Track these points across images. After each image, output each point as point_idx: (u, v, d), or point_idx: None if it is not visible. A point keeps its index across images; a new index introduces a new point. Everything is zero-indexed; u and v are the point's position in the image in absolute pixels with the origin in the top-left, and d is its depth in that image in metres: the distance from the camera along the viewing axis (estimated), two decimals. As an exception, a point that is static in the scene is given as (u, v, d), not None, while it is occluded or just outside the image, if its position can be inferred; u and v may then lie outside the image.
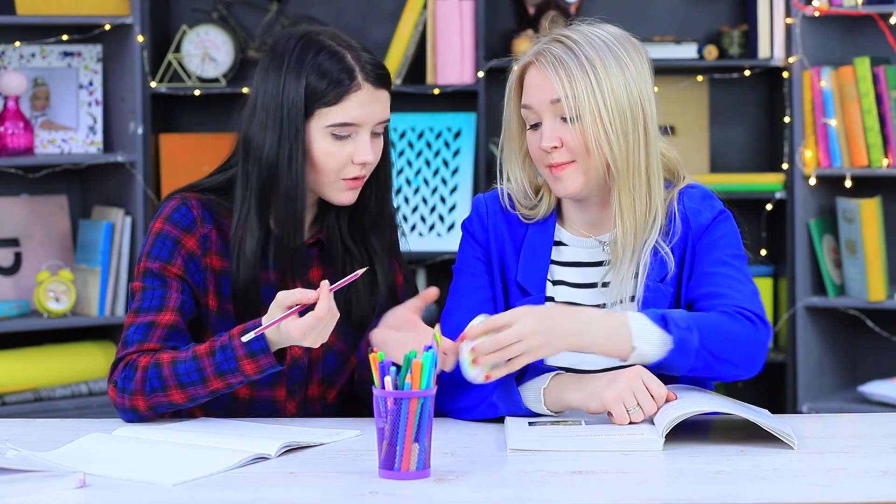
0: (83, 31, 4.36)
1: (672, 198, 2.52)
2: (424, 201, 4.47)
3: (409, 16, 4.41)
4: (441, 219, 4.45)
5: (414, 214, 4.45)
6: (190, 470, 2.11)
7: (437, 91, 4.35)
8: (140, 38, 4.26)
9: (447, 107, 4.49)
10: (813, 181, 4.23)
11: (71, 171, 4.44)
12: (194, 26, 4.44)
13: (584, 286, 2.54)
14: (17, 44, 4.33)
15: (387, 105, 2.56)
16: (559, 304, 2.53)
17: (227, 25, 4.49)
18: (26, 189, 4.42)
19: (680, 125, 4.47)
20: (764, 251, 4.41)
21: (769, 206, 4.37)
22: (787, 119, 4.24)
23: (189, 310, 2.54)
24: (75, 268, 4.37)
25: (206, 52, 4.43)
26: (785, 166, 4.27)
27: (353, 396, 2.70)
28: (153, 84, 4.34)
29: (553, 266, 2.56)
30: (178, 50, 4.42)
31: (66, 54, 4.36)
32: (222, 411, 2.58)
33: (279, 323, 2.33)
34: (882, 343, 4.41)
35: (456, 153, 4.46)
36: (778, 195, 4.30)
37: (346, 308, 2.61)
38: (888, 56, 4.25)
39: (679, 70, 4.45)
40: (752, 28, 4.33)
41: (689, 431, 2.32)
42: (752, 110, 4.54)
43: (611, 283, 2.50)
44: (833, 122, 4.18)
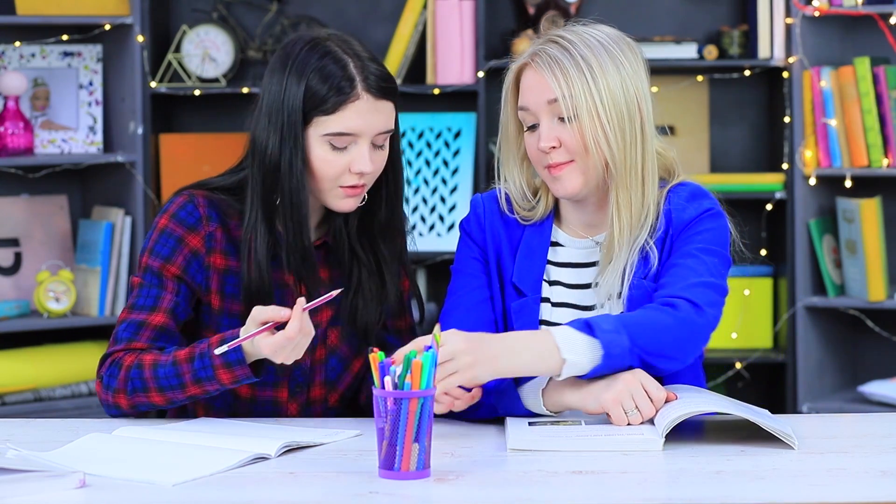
0: (83, 31, 4.36)
1: (662, 196, 2.51)
2: (424, 201, 4.47)
3: (409, 16, 4.41)
4: (441, 219, 4.45)
5: (414, 214, 4.45)
6: (190, 470, 2.12)
7: (437, 91, 4.35)
8: (140, 38, 4.26)
9: (447, 107, 4.49)
10: (813, 181, 4.23)
11: (71, 171, 4.44)
12: (194, 26, 4.44)
13: (580, 287, 2.54)
14: (17, 44, 4.33)
15: (389, 116, 2.53)
16: (556, 303, 2.54)
17: (227, 25, 4.49)
18: (26, 189, 4.42)
19: (680, 125, 4.47)
20: (764, 251, 4.41)
21: (769, 206, 4.37)
22: (787, 119, 4.24)
23: (182, 312, 2.55)
24: (75, 268, 4.37)
25: (206, 52, 4.43)
26: (785, 166, 4.27)
27: (355, 401, 2.70)
28: (153, 84, 4.34)
29: (550, 266, 2.56)
30: (178, 50, 4.42)
31: (66, 54, 4.36)
32: (224, 410, 2.59)
33: (253, 338, 2.35)
34: (882, 343, 4.41)
35: (456, 153, 4.46)
36: (778, 195, 4.31)
37: (353, 313, 2.62)
38: (888, 56, 4.25)
39: (679, 70, 4.45)
40: (752, 28, 4.33)
41: (689, 431, 2.32)
42: (752, 110, 4.54)
43: (600, 281, 2.50)
44: (833, 122, 4.18)
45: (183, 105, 4.55)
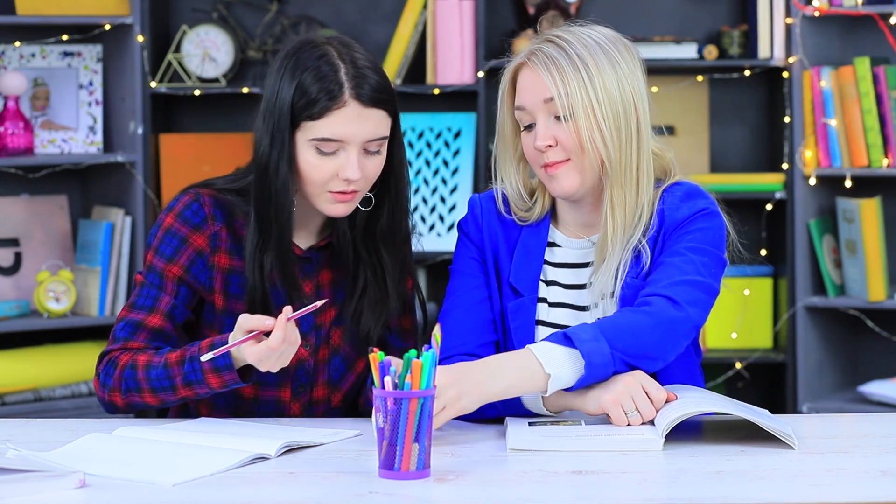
0: (83, 31, 4.36)
1: (657, 196, 2.51)
2: (424, 201, 4.47)
3: (409, 16, 4.41)
4: (441, 219, 4.45)
5: (414, 214, 4.44)
6: (190, 470, 2.12)
7: (436, 91, 4.35)
8: (140, 38, 4.26)
9: (447, 107, 4.49)
10: (813, 181, 4.23)
11: (71, 171, 4.44)
12: (194, 26, 4.44)
13: (577, 287, 2.54)
14: (17, 44, 4.33)
15: (379, 124, 2.50)
16: (552, 304, 2.54)
17: (227, 25, 4.49)
18: (26, 189, 4.42)
19: (680, 125, 4.47)
20: (764, 251, 4.41)
21: (769, 206, 4.37)
22: (787, 119, 4.24)
23: (181, 315, 2.56)
24: (75, 268, 4.37)
25: (206, 52, 4.43)
26: (785, 166, 4.27)
27: (358, 401, 2.70)
28: (153, 84, 4.34)
29: (546, 267, 2.56)
30: (178, 50, 4.42)
31: (66, 54, 4.36)
32: (227, 410, 2.60)
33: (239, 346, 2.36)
34: (882, 343, 4.41)
35: (456, 153, 4.46)
36: (778, 195, 4.30)
37: (357, 317, 2.61)
38: (888, 56, 4.25)
39: (679, 70, 4.45)
40: (752, 28, 4.33)
41: (689, 431, 2.32)
42: (752, 110, 4.54)
43: (593, 280, 2.50)
44: (833, 122, 4.18)
45: (183, 105, 4.55)
